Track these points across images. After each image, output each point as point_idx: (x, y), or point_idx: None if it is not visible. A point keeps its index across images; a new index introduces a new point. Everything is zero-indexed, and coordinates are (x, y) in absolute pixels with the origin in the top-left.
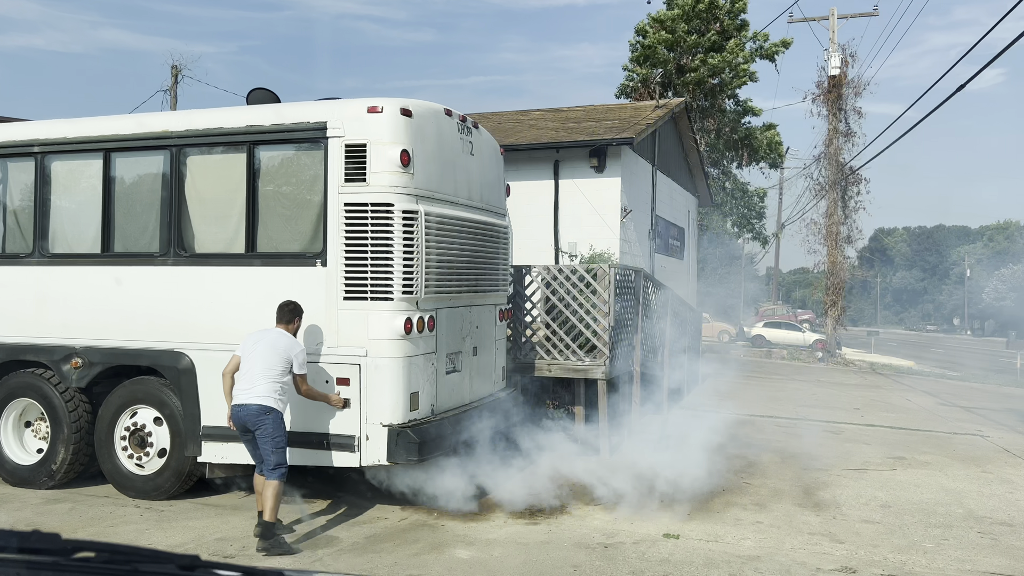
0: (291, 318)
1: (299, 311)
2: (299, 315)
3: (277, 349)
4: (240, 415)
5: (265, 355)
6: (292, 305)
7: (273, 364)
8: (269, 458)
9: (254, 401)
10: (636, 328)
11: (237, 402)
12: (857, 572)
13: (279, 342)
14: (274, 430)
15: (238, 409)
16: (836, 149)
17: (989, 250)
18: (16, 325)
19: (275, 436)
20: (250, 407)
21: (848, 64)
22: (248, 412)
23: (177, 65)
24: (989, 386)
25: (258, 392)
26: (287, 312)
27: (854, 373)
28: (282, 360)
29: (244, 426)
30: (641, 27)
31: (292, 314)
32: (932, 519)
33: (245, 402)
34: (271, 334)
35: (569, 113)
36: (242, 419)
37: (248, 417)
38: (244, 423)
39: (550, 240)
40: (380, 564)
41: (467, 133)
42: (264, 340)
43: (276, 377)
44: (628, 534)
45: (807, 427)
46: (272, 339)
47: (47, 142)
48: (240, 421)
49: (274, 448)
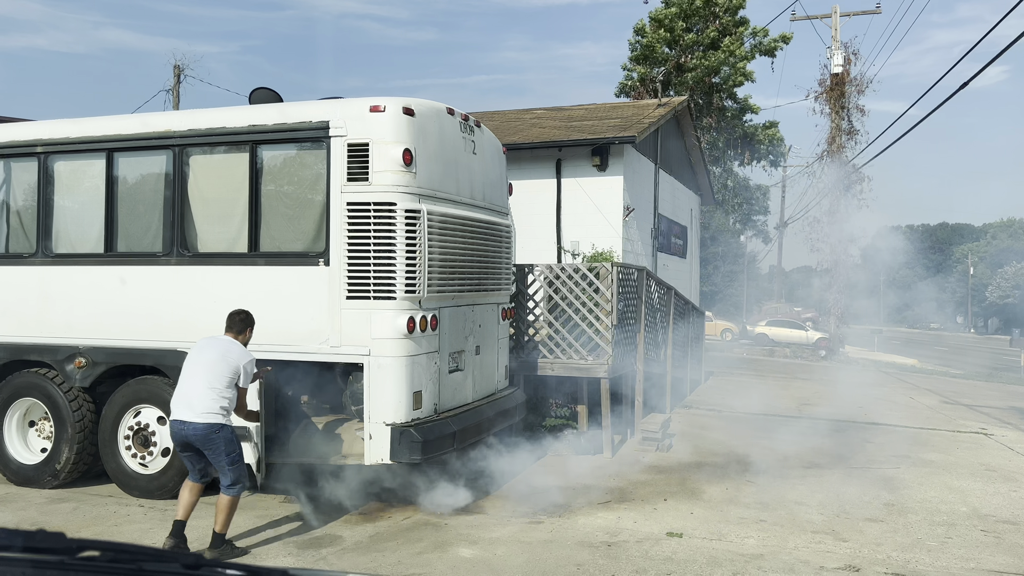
0: (242, 328)
1: (251, 321)
2: (251, 326)
3: (228, 359)
4: (183, 433)
5: (213, 365)
6: (243, 315)
7: (220, 374)
8: (226, 474)
9: (200, 420)
10: (639, 327)
11: (178, 418)
12: (861, 570)
13: (231, 351)
14: (227, 446)
15: (180, 426)
16: (839, 147)
17: (993, 248)
18: (20, 325)
19: (230, 452)
20: (195, 426)
21: (851, 62)
22: (194, 431)
23: (179, 65)
24: (993, 384)
25: (202, 408)
26: (238, 322)
27: (857, 371)
28: (231, 371)
29: (186, 443)
30: (640, 26)
31: (243, 324)
32: (936, 517)
33: (189, 420)
34: (222, 343)
35: (571, 112)
36: (184, 437)
37: (194, 437)
38: (187, 441)
39: (553, 239)
40: (383, 563)
41: (469, 132)
42: (214, 348)
43: (222, 390)
44: (631, 532)
45: (810, 425)
46: (223, 348)
47: (50, 142)
48: (182, 438)
49: (230, 464)
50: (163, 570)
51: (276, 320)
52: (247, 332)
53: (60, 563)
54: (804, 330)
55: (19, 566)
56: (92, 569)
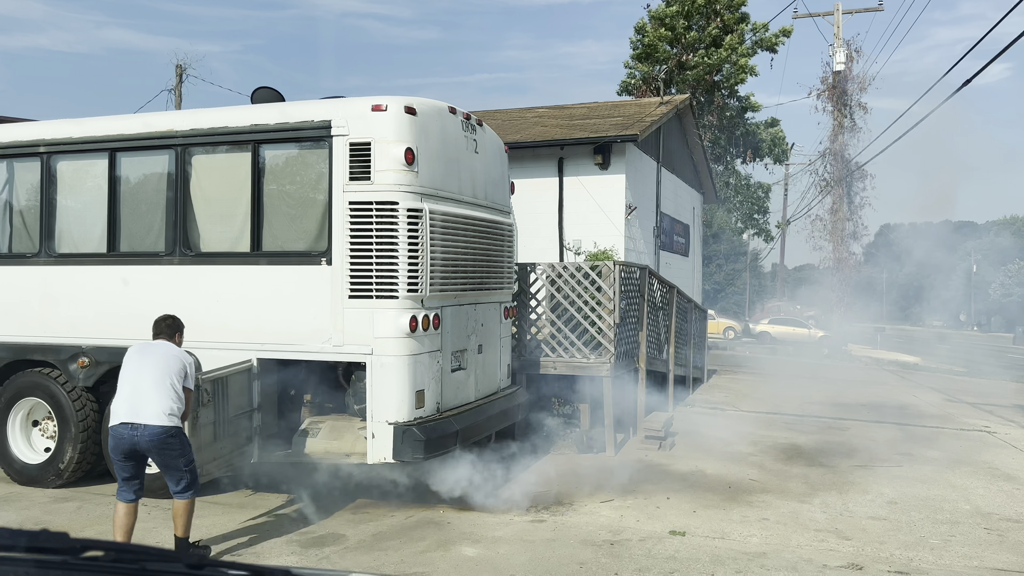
0: (171, 333)
1: (179, 326)
2: (179, 330)
3: (172, 360)
4: (133, 438)
5: (159, 366)
6: (171, 319)
7: (168, 375)
8: (182, 478)
9: (155, 422)
10: (641, 325)
11: (125, 420)
12: (864, 569)
13: (173, 352)
14: (183, 449)
15: (129, 430)
16: (841, 145)
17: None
18: (23, 325)
19: (186, 455)
20: (151, 430)
21: (853, 59)
22: (148, 436)
23: (181, 64)
24: (996, 382)
25: (156, 409)
26: (166, 327)
27: (860, 369)
28: (179, 371)
29: (132, 450)
30: (641, 25)
31: (172, 329)
32: (939, 515)
33: (140, 422)
34: (161, 345)
35: (573, 110)
36: (134, 443)
37: (147, 442)
38: (135, 447)
39: (555, 237)
40: (386, 562)
41: (471, 131)
42: (155, 350)
43: (172, 392)
44: (634, 531)
45: (812, 424)
46: (164, 350)
47: (53, 142)
48: (130, 444)
49: (186, 466)
50: (166, 570)
51: (279, 319)
52: (176, 337)
53: (64, 563)
54: (807, 328)
55: (23, 566)
56: (96, 569)
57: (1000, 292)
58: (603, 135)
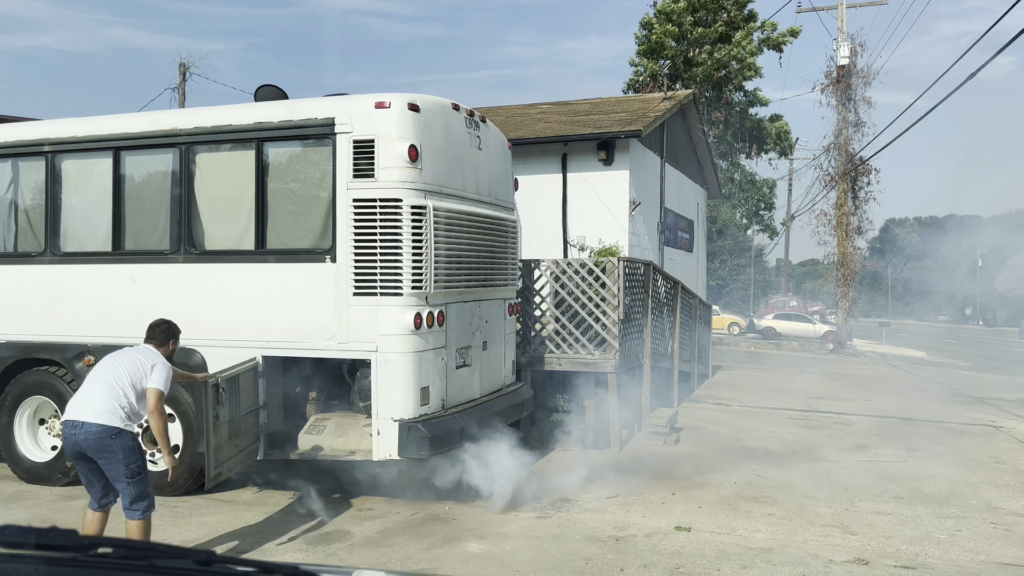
0: (164, 340)
1: (173, 332)
2: (174, 337)
3: (136, 360)
4: (75, 438)
5: (118, 366)
6: (166, 325)
7: (124, 374)
8: (125, 490)
9: (93, 420)
10: (646, 321)
11: (69, 418)
12: (870, 563)
13: (141, 353)
14: (127, 455)
15: (71, 429)
16: (846, 139)
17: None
18: (29, 323)
19: (129, 463)
20: (88, 428)
21: (857, 53)
22: (86, 435)
23: (185, 63)
24: (1002, 376)
25: (98, 407)
26: (159, 333)
27: (865, 364)
28: (137, 370)
29: (77, 451)
30: (647, 20)
31: (165, 335)
32: (945, 510)
33: (80, 419)
34: (136, 348)
35: (577, 106)
36: (76, 443)
37: (86, 442)
38: (79, 448)
39: (558, 234)
40: (393, 558)
41: (475, 127)
42: (125, 353)
43: (123, 391)
44: (640, 527)
45: (818, 419)
46: (135, 352)
47: (57, 141)
48: (73, 444)
49: (129, 477)
50: (175, 566)
51: (283, 317)
52: (169, 344)
53: (73, 560)
54: (811, 323)
55: (32, 563)
56: (104, 566)
57: (1006, 286)
58: (606, 131)
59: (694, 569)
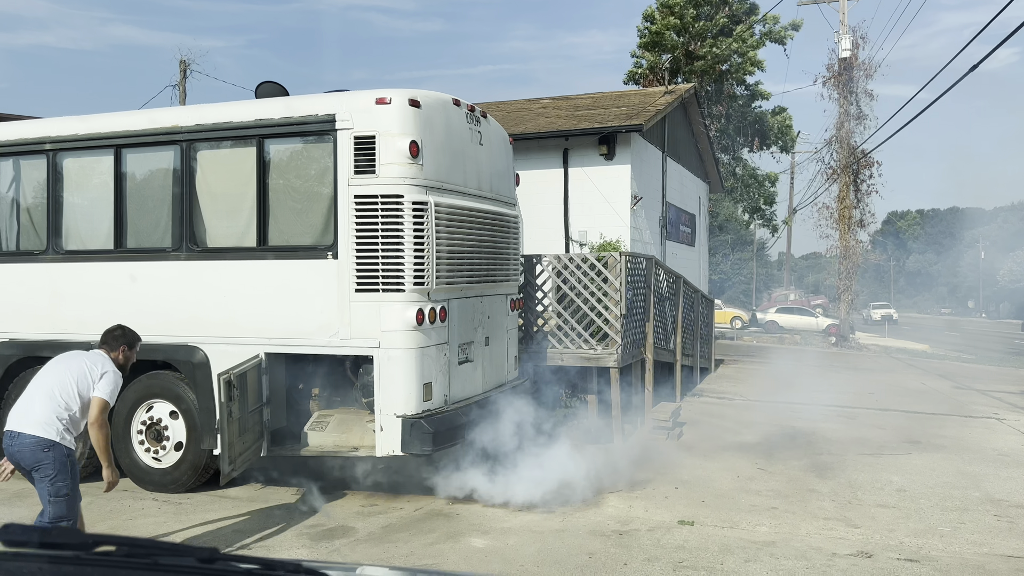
0: (115, 345)
1: (129, 338)
2: (128, 343)
3: (82, 366)
4: (12, 449)
5: (62, 373)
6: (118, 331)
7: (67, 383)
8: (47, 509)
9: (29, 431)
10: (648, 315)
11: (9, 428)
12: (873, 557)
13: (91, 359)
14: (56, 473)
15: (8, 440)
16: (847, 132)
17: (1004, 231)
18: (32, 322)
19: (55, 480)
20: (23, 439)
21: (859, 46)
22: (20, 446)
23: (185, 60)
24: (1005, 369)
25: (36, 418)
26: (111, 338)
27: (868, 357)
28: (80, 379)
29: (16, 463)
30: (649, 13)
31: (117, 341)
32: (948, 503)
33: (18, 430)
34: (83, 353)
35: (578, 101)
36: (13, 455)
37: (20, 454)
38: (15, 460)
39: (560, 229)
40: (396, 554)
41: (476, 123)
42: (69, 357)
43: (64, 401)
44: (643, 521)
45: (821, 412)
46: (86, 356)
47: (58, 139)
48: (11, 457)
49: (53, 495)
50: (178, 564)
51: (286, 314)
52: (121, 350)
53: (76, 558)
54: (814, 317)
55: (36, 561)
56: (108, 564)
57: (1008, 279)
58: (608, 125)
59: (697, 563)
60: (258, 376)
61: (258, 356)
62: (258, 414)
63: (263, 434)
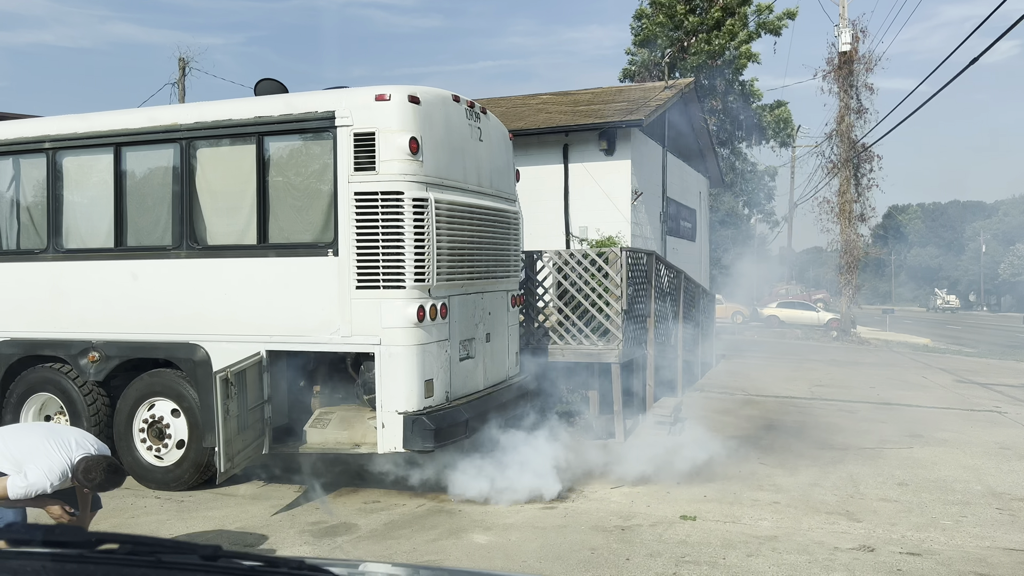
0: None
1: (91, 479)
2: (88, 481)
3: (75, 441)
4: None
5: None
6: (95, 474)
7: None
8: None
9: None
10: (649, 311)
11: None
12: (875, 550)
13: (77, 443)
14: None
15: None
16: (848, 126)
17: (1005, 225)
18: (33, 320)
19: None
20: None
21: (859, 39)
22: None
23: (184, 58)
24: (1007, 362)
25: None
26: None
27: (869, 351)
28: (67, 445)
29: None
30: (640, 11)
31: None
32: (950, 496)
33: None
34: (80, 443)
35: (578, 96)
36: None
37: None
38: None
39: (561, 225)
40: (398, 550)
41: (475, 119)
42: (70, 432)
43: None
44: (645, 516)
45: (822, 407)
46: (78, 442)
47: (58, 138)
48: None
49: None
50: (181, 562)
51: (286, 311)
52: (79, 477)
53: (80, 556)
54: (815, 311)
55: (39, 560)
56: (111, 562)
57: (1010, 272)
58: (608, 121)
59: (700, 558)
60: (259, 373)
61: (259, 353)
62: (259, 411)
63: (264, 431)
